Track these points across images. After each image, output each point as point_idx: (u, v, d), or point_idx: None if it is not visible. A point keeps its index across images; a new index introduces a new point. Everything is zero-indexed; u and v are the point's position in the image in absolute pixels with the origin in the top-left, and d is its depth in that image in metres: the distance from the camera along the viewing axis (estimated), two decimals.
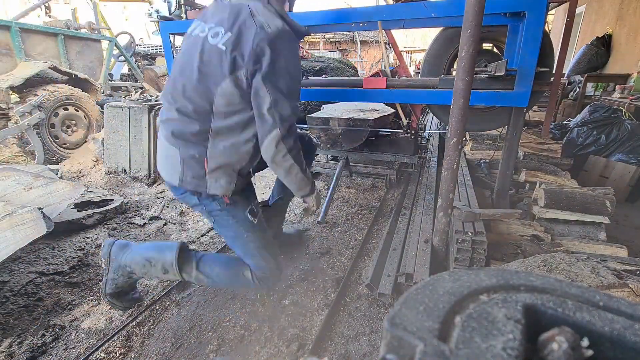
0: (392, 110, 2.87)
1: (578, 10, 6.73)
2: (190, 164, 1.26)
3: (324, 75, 2.47)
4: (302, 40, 1.39)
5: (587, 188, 1.96)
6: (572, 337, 0.24)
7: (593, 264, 1.08)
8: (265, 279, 1.45)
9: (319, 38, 15.72)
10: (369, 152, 2.94)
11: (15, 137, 3.95)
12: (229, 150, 1.25)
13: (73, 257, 1.95)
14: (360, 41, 15.74)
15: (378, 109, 3.00)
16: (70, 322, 1.50)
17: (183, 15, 2.45)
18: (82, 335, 1.44)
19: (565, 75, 5.71)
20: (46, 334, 1.43)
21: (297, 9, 2.19)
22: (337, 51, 15.72)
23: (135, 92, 4.34)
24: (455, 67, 1.52)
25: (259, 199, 1.58)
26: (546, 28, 1.69)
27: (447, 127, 1.69)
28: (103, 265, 1.50)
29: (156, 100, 3.33)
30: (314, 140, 1.89)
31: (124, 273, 1.48)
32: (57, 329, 1.46)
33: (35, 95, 3.68)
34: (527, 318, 0.26)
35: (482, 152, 3.11)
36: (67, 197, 2.01)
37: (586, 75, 4.78)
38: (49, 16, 5.93)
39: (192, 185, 1.30)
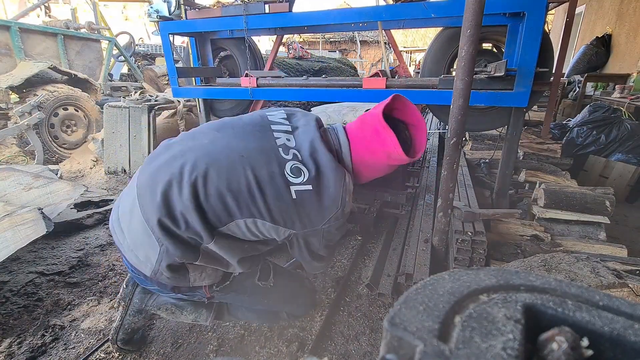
0: None
1: (578, 10, 6.73)
2: None
3: (323, 76, 2.46)
4: None
5: (587, 188, 1.96)
6: (572, 337, 0.24)
7: (593, 264, 1.07)
8: (298, 317, 1.48)
9: (318, 38, 15.73)
10: None
11: (15, 137, 3.96)
12: None
13: (73, 257, 1.95)
14: (360, 41, 15.74)
15: None
16: (70, 322, 1.50)
17: (182, 15, 2.44)
18: (82, 335, 1.44)
19: (565, 75, 5.71)
20: (46, 334, 1.43)
21: (297, 8, 2.20)
22: (337, 51, 15.72)
23: (135, 92, 4.33)
24: (455, 67, 1.52)
25: None
26: (546, 28, 1.69)
27: (447, 127, 1.68)
28: (120, 309, 1.28)
29: (156, 100, 3.33)
30: None
31: (146, 316, 1.31)
32: (57, 329, 1.46)
33: (34, 95, 3.67)
34: (527, 318, 0.26)
35: (482, 152, 3.11)
36: (66, 197, 2.01)
37: (586, 75, 4.78)
38: (49, 16, 5.93)
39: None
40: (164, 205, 0.92)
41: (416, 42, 17.63)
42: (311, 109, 3.12)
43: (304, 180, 0.95)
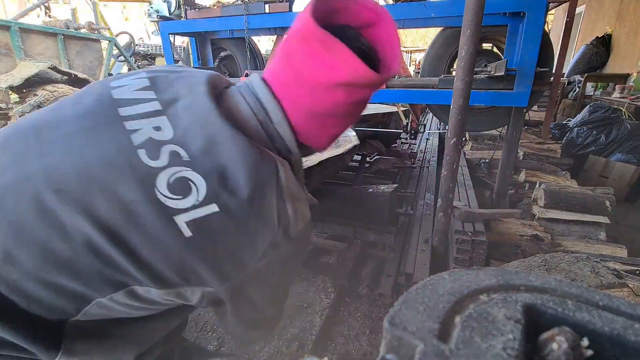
0: (353, 144, 1.80)
1: (578, 10, 6.73)
2: None
3: None
4: None
5: (587, 188, 1.96)
6: (572, 337, 0.24)
7: (593, 264, 1.07)
8: None
9: None
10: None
11: None
12: None
13: None
14: None
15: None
16: None
17: (183, 15, 2.44)
18: None
19: (565, 75, 5.71)
20: None
21: (297, 8, 2.20)
22: None
23: None
24: (455, 67, 1.52)
25: None
26: (546, 28, 1.69)
27: (447, 127, 1.69)
28: None
29: None
30: None
31: None
32: None
33: (34, 95, 3.68)
34: (527, 318, 0.26)
35: (482, 152, 3.11)
36: None
37: (586, 75, 4.78)
38: (49, 16, 5.94)
39: None
40: None
41: (416, 42, 17.61)
42: None
43: (200, 199, 0.51)
